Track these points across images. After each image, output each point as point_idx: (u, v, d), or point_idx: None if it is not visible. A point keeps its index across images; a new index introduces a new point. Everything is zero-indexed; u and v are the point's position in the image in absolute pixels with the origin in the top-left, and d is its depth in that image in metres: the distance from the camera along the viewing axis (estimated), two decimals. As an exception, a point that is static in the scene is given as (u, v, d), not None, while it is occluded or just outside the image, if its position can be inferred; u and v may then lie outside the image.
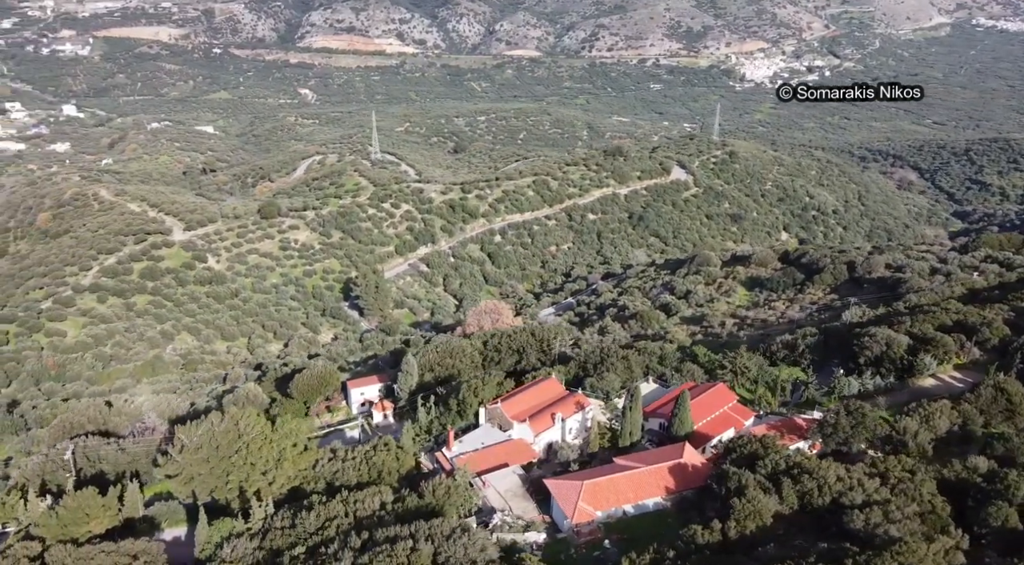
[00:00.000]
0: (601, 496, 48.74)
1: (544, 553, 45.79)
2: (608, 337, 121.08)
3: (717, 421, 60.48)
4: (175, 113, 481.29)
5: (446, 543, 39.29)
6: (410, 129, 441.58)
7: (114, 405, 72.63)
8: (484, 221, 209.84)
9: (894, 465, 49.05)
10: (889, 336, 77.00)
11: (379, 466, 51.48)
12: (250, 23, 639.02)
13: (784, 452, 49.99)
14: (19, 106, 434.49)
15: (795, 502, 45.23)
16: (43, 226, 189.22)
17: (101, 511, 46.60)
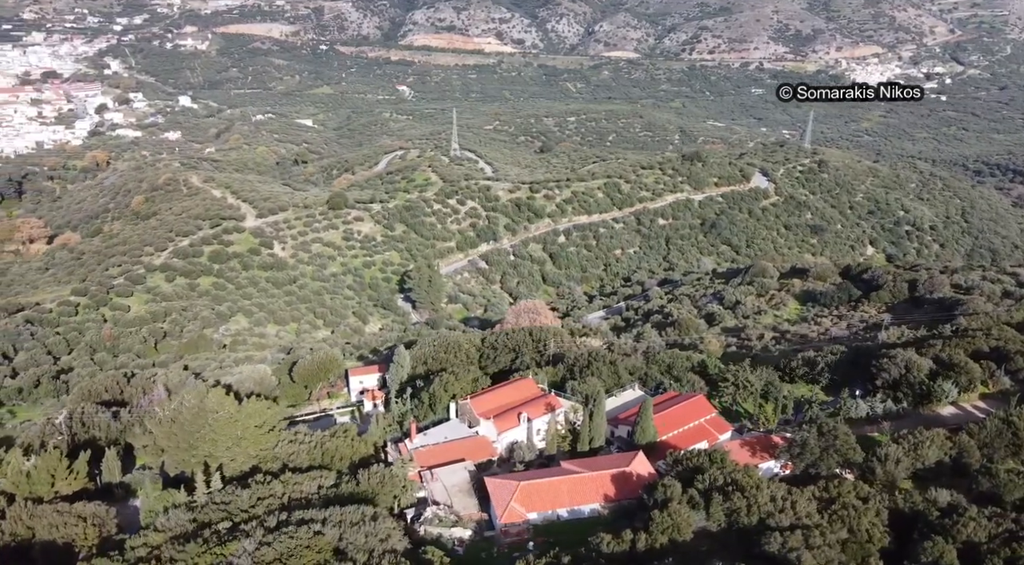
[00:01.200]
0: (536, 498, 48.29)
1: (466, 550, 45.87)
2: (642, 343, 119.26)
3: (689, 433, 58.62)
4: (279, 106, 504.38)
5: (350, 530, 40.04)
6: (499, 127, 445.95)
7: (135, 377, 77.58)
8: (549, 221, 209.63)
9: (847, 491, 46.37)
10: (909, 359, 72.43)
11: (331, 451, 52.87)
12: (356, 21, 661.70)
13: (729, 467, 48.02)
14: (141, 97, 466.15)
15: (723, 519, 43.52)
16: (136, 208, 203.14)
17: (66, 474, 50.16)
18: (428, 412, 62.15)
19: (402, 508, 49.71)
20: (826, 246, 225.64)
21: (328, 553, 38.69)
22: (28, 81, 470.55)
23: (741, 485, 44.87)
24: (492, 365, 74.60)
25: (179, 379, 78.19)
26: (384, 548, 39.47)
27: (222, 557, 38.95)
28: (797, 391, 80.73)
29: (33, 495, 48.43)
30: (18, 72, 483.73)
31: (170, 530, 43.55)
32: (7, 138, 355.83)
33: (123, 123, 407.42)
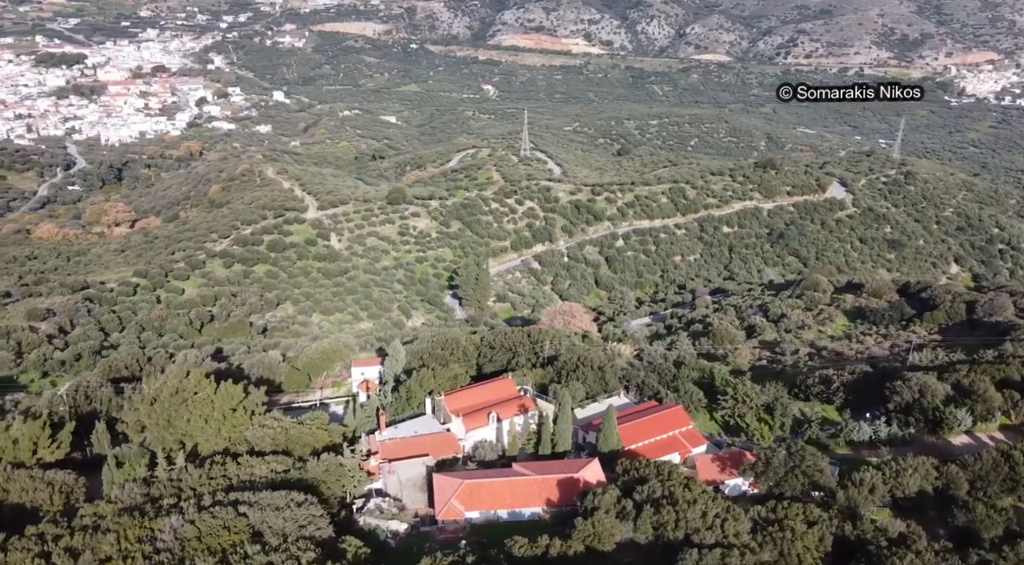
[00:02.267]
0: (477, 497, 48.32)
1: (399, 543, 46.37)
2: (672, 352, 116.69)
3: (660, 444, 57.30)
4: (367, 102, 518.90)
5: (272, 514, 41.18)
6: (578, 129, 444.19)
7: (153, 356, 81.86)
8: (609, 225, 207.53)
9: (795, 513, 44.41)
10: (924, 383, 68.37)
11: (296, 438, 54.34)
12: (447, 21, 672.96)
13: (675, 480, 46.73)
14: (239, 91, 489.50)
15: (651, 532, 42.46)
16: (213, 196, 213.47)
17: (48, 443, 53.61)
18: (405, 406, 62.94)
19: (352, 498, 50.65)
20: (904, 262, 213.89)
21: (245, 534, 39.91)
22: (139, 75, 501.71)
23: (676, 499, 43.63)
24: (489, 364, 74.77)
25: (195, 360, 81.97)
26: (301, 533, 40.37)
27: (150, 530, 40.79)
28: (810, 410, 77.56)
29: (17, 460, 51.95)
30: (132, 66, 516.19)
31: (121, 502, 45.92)
32: (115, 127, 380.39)
33: (219, 116, 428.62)
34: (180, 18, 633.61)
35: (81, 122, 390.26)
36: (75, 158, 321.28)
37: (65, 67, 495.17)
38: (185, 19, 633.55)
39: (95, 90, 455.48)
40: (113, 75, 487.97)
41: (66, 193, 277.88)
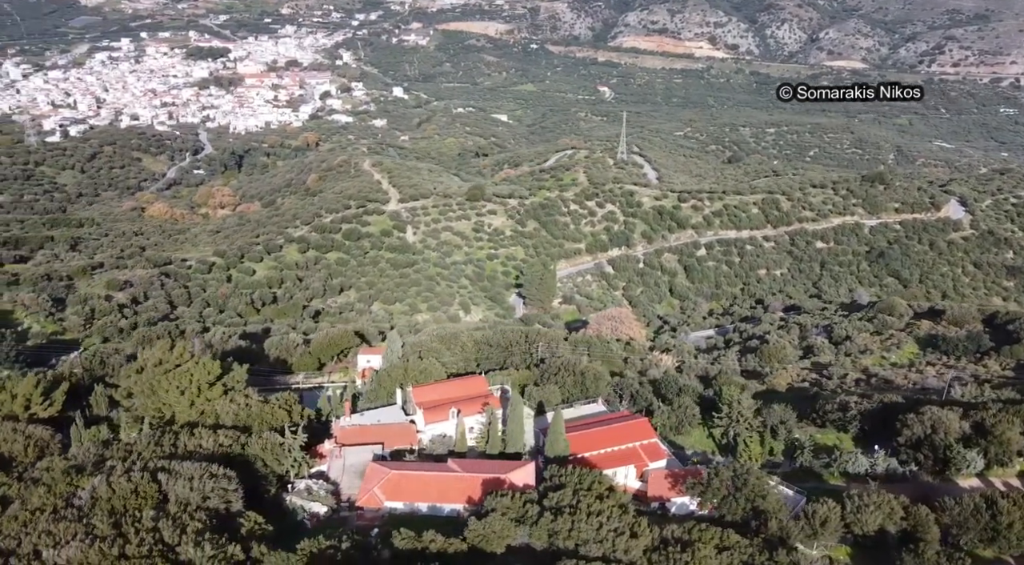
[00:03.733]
0: (400, 488, 48.85)
1: (315, 525, 47.57)
2: (714, 366, 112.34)
3: (615, 455, 55.84)
4: (482, 100, 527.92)
5: (182, 483, 43.34)
6: (690, 134, 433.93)
7: (186, 330, 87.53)
8: (692, 233, 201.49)
9: (709, 537, 42.24)
10: (937, 419, 62.89)
11: (257, 416, 56.70)
12: (569, 21, 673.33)
13: (596, 490, 45.57)
14: (361, 86, 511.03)
15: (546, 539, 41.66)
16: (310, 185, 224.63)
17: (39, 400, 58.66)
18: (381, 396, 64.25)
19: (294, 478, 52.36)
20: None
21: (151, 501, 42.20)
22: (274, 68, 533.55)
23: (579, 508, 42.56)
24: (485, 361, 75.06)
25: (222, 336, 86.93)
26: (203, 504, 42.29)
27: (75, 487, 44.00)
28: (825, 437, 73.14)
29: (11, 414, 57.21)
30: (268, 60, 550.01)
31: (74, 459, 49.71)
32: (243, 117, 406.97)
33: (339, 109, 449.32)
34: (317, 16, 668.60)
35: (216, 111, 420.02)
36: (204, 144, 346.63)
37: (211, 60, 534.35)
38: (321, 16, 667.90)
39: (233, 82, 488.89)
40: (250, 68, 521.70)
41: (191, 176, 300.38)
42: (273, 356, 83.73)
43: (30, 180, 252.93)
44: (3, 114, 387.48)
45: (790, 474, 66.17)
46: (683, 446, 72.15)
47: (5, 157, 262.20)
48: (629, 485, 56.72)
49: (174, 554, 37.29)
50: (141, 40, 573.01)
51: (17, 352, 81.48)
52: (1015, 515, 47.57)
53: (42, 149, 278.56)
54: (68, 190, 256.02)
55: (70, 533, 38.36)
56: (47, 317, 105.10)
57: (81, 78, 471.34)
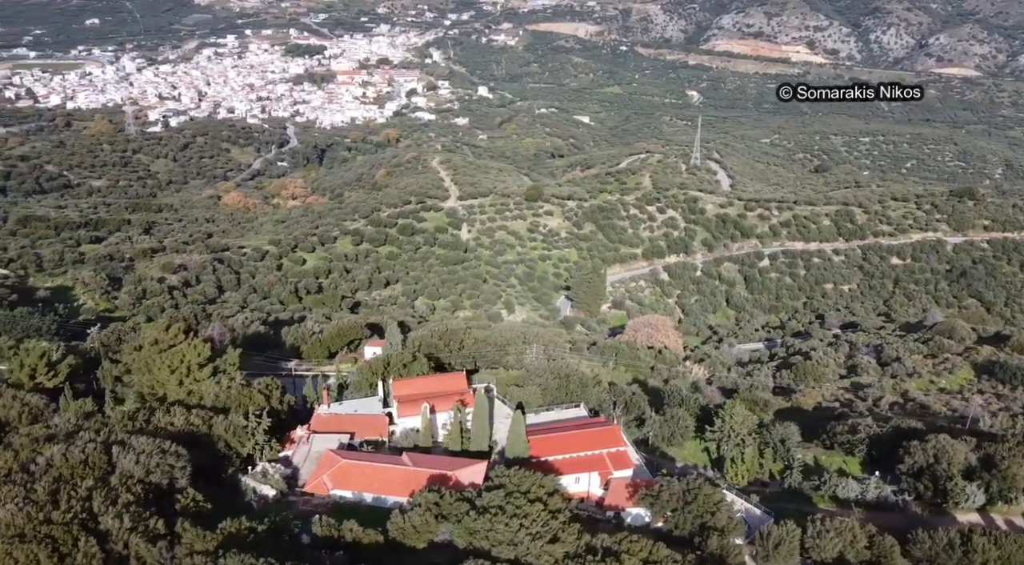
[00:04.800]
0: (348, 478, 49.51)
1: (262, 506, 48.83)
2: (745, 380, 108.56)
3: (579, 461, 55.02)
4: (567, 101, 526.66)
5: (127, 455, 45.33)
6: (776, 141, 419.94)
7: (212, 314, 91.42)
8: (756, 242, 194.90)
9: (638, 549, 41.20)
10: (941, 448, 59.04)
11: (235, 398, 58.61)
12: (661, 23, 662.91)
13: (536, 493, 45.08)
14: (447, 85, 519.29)
15: (467, 538, 41.71)
16: (378, 180, 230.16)
17: (44, 370, 62.52)
18: (363, 386, 65.30)
19: (258, 460, 53.93)
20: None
21: (97, 471, 44.36)
22: (365, 66, 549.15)
23: (504, 510, 42.17)
24: (482, 359, 75.25)
25: (244, 321, 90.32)
26: (145, 478, 44.13)
27: (37, 453, 46.77)
28: (830, 459, 69.80)
29: (17, 382, 61.30)
30: (360, 58, 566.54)
31: (54, 428, 52.81)
32: (330, 113, 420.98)
33: (423, 107, 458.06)
34: (411, 15, 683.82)
35: (306, 106, 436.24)
36: (290, 137, 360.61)
37: (307, 57, 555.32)
38: (415, 16, 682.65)
39: (325, 78, 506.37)
40: (343, 65, 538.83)
41: (275, 168, 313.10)
42: (288, 343, 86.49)
43: (127, 167, 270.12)
44: (115, 104, 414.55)
45: (778, 494, 63.40)
46: (675, 458, 70.21)
47: (107, 145, 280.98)
48: (592, 492, 55.61)
49: (95, 524, 39.09)
50: (245, 37, 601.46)
51: (58, 325, 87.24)
52: (990, 554, 44.06)
53: (140, 138, 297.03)
54: (160, 177, 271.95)
55: (11, 496, 40.81)
56: (102, 295, 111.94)
57: (187, 72, 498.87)
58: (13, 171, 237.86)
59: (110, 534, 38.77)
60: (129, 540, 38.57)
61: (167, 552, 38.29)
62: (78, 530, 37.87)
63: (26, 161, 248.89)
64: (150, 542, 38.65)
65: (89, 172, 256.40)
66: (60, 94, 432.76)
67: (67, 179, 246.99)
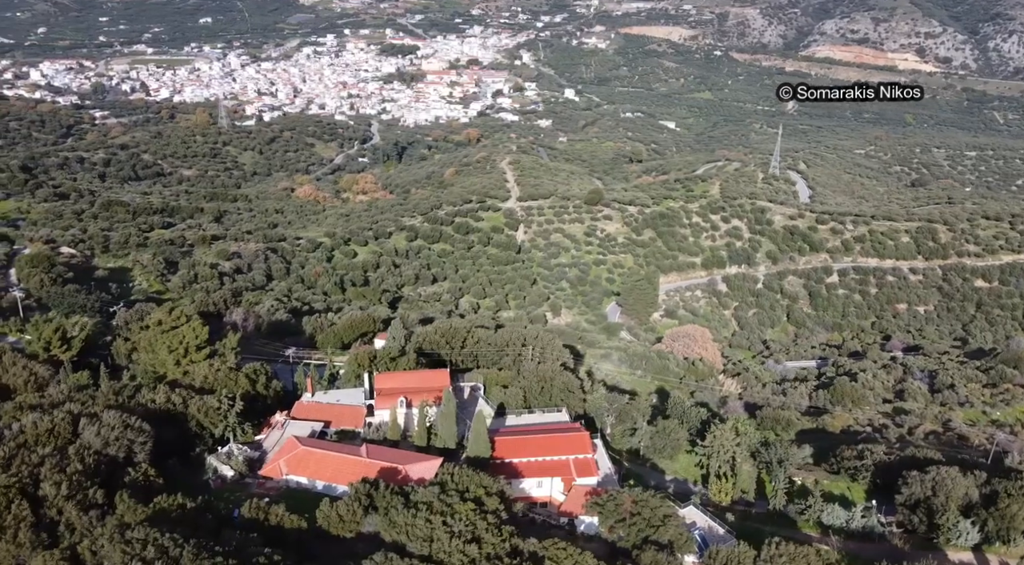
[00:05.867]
0: (303, 464, 50.61)
1: (220, 486, 50.47)
2: (778, 398, 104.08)
3: (544, 465, 54.71)
4: (655, 106, 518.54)
5: (91, 428, 47.68)
6: (871, 153, 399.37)
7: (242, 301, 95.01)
8: (826, 257, 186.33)
9: (564, 555, 40.73)
10: (940, 480, 55.26)
11: (221, 381, 60.72)
12: (759, 28, 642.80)
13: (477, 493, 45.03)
14: (534, 86, 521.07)
15: (391, 531, 42.22)
16: (445, 178, 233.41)
17: (59, 343, 66.53)
18: (351, 378, 66.41)
19: (231, 441, 55.82)
20: None
21: (60, 440, 46.94)
22: (455, 66, 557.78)
23: (432, 506, 42.42)
24: (482, 358, 75.28)
25: (269, 308, 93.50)
26: (102, 450, 46.39)
27: (16, 420, 49.89)
28: (834, 485, 66.54)
29: (34, 353, 65.63)
30: (451, 59, 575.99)
31: (47, 399, 56.25)
32: (415, 111, 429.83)
33: (507, 108, 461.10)
34: (504, 17, 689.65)
35: (393, 105, 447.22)
36: (373, 134, 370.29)
37: (400, 57, 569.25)
38: (508, 18, 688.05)
39: (415, 78, 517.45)
40: (433, 65, 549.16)
41: (355, 163, 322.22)
42: (308, 332, 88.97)
43: (216, 158, 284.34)
44: (217, 98, 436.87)
45: (763, 517, 60.80)
46: (665, 471, 68.29)
47: (200, 136, 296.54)
48: (555, 497, 54.87)
49: (35, 489, 41.36)
50: (344, 36, 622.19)
51: (101, 304, 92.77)
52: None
53: (230, 131, 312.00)
54: (245, 169, 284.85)
55: (-28, 457, 43.72)
56: (157, 277, 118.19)
57: (286, 69, 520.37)
58: (113, 159, 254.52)
59: (47, 500, 40.94)
60: (64, 507, 40.66)
61: (98, 521, 40.10)
62: (15, 494, 40.13)
63: (125, 150, 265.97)
64: (83, 511, 40.61)
65: (181, 162, 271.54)
66: (169, 88, 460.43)
67: (160, 168, 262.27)
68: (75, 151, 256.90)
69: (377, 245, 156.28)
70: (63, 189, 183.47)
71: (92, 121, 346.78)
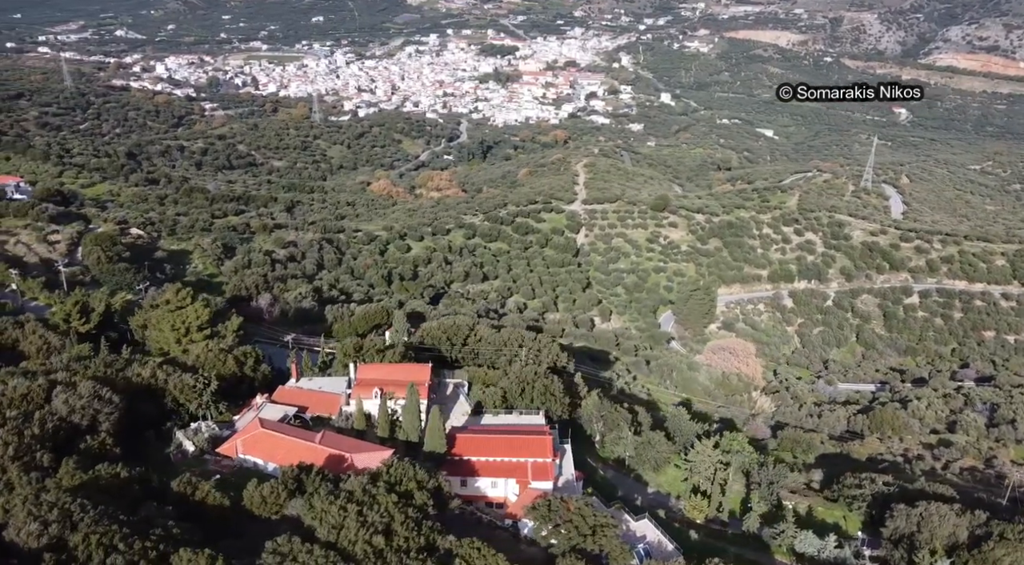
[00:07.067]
0: (257, 446, 52.15)
1: (180, 460, 52.64)
2: (812, 419, 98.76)
3: (500, 465, 54.69)
4: (754, 113, 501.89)
5: (63, 398, 50.64)
6: (988, 169, 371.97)
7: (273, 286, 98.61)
8: (907, 277, 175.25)
9: (476, 555, 40.31)
10: (927, 515, 51.50)
11: (209, 362, 63.14)
12: (875, 34, 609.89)
13: (408, 486, 45.27)
14: (629, 90, 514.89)
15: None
16: (519, 179, 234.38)
17: (77, 316, 70.91)
18: (338, 367, 67.77)
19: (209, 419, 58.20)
20: None
21: (34, 404, 50.17)
22: (552, 68, 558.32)
23: (353, 494, 43.02)
24: (482, 356, 75.38)
25: (297, 296, 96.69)
26: (67, 417, 49.32)
27: (4, 385, 53.65)
28: (829, 513, 63.12)
29: (54, 325, 70.41)
30: (548, 60, 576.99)
31: (46, 366, 60.27)
32: (505, 111, 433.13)
33: (599, 110, 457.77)
34: (607, 19, 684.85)
35: (485, 104, 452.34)
36: (461, 133, 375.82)
37: (498, 57, 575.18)
38: (611, 20, 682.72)
39: (511, 78, 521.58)
40: (530, 66, 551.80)
41: (439, 160, 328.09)
42: (329, 321, 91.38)
43: (306, 150, 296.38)
44: (319, 94, 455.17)
45: (736, 537, 58.14)
46: (648, 483, 66.24)
47: (293, 129, 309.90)
48: (510, 498, 54.37)
49: (-13, 448, 44.39)
50: (446, 36, 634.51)
51: (149, 282, 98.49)
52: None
53: (322, 125, 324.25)
54: (333, 162, 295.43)
55: (-55, 415, 47.43)
56: (213, 261, 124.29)
57: (387, 67, 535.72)
58: (210, 148, 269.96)
59: (-7, 458, 43.91)
60: (8, 467, 43.50)
61: (37, 482, 42.67)
62: (-36, 452, 43.28)
63: (223, 140, 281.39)
64: (26, 471, 43.30)
65: (273, 153, 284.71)
66: (276, 83, 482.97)
67: (253, 158, 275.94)
68: (177, 140, 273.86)
69: (433, 241, 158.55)
70: (155, 175, 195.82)
71: (201, 112, 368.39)
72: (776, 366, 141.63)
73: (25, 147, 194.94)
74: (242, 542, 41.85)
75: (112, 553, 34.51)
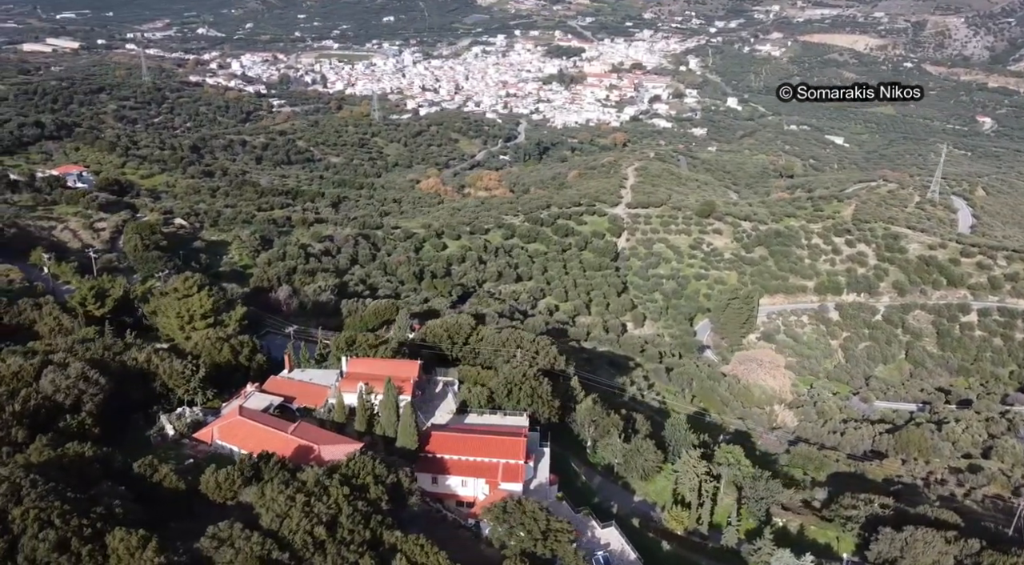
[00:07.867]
0: (232, 433, 53.41)
1: (160, 442, 54.33)
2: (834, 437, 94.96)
3: (472, 465, 54.89)
4: (826, 119, 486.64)
5: (50, 378, 52.87)
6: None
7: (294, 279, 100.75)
8: (966, 293, 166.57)
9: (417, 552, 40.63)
10: (911, 541, 49.55)
11: (206, 350, 64.77)
12: (961, 39, 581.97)
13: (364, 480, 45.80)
14: (694, 94, 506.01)
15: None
16: (567, 180, 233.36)
17: (93, 301, 73.88)
18: (332, 360, 68.73)
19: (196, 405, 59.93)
20: None
21: (23, 382, 52.58)
22: (617, 70, 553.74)
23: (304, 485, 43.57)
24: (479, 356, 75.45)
25: (315, 290, 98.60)
26: (50, 396, 51.54)
27: (4, 364, 56.41)
28: (822, 532, 61.04)
29: (71, 307, 73.64)
30: (615, 62, 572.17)
31: (53, 346, 63.06)
32: (565, 113, 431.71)
33: (662, 114, 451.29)
34: (676, 21, 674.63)
35: (547, 105, 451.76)
36: (519, 133, 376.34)
37: (564, 58, 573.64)
38: (680, 22, 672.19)
39: (575, 80, 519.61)
40: (595, 68, 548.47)
41: (495, 161, 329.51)
42: (344, 314, 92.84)
43: (364, 147, 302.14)
44: (384, 93, 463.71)
45: (716, 551, 56.46)
46: (636, 491, 64.98)
47: (352, 127, 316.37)
48: (480, 498, 54.21)
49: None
50: (513, 37, 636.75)
51: (177, 270, 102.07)
52: None
53: (380, 123, 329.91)
54: (388, 159, 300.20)
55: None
56: (250, 253, 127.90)
57: (452, 67, 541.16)
58: (271, 143, 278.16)
59: (-31, 434, 46.17)
60: (-22, 439, 45.71)
61: (8, 458, 44.73)
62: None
63: (283, 136, 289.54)
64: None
65: (330, 149, 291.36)
66: (344, 81, 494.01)
67: (311, 154, 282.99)
68: (240, 135, 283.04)
69: (470, 240, 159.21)
70: (212, 168, 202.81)
71: (269, 108, 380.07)
72: (814, 380, 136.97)
73: (94, 138, 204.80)
74: (193, 525, 42.89)
75: (46, 528, 35.78)
